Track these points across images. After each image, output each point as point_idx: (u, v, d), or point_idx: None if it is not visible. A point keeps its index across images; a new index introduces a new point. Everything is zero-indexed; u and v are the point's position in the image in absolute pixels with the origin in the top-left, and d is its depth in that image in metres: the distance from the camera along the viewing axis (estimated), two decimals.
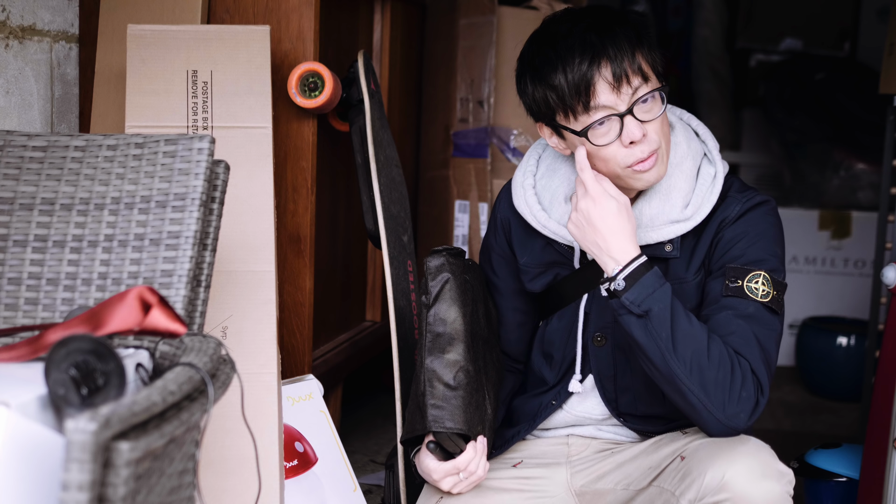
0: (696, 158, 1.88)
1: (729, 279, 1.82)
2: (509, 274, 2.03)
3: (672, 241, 1.86)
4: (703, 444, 1.77)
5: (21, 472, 1.27)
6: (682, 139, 1.88)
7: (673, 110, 1.93)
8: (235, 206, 2.07)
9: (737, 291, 1.80)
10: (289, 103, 2.31)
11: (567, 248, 1.93)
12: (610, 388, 1.93)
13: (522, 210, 1.94)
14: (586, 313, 1.93)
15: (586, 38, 1.77)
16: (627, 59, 1.76)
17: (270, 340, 2.13)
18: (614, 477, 1.90)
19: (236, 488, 2.04)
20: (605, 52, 1.76)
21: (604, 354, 1.93)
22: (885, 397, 2.29)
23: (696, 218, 1.85)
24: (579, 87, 1.76)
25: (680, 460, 1.78)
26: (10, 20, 2.16)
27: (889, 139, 2.99)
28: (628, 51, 1.76)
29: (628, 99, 1.77)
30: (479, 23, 3.18)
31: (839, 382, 3.88)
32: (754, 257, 1.83)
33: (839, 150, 4.63)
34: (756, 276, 1.81)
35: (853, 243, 4.43)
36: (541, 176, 1.95)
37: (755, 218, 1.87)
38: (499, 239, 2.03)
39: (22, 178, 1.72)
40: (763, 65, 5.06)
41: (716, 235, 1.86)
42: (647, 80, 1.78)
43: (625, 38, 1.77)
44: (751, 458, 1.71)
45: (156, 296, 1.48)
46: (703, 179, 1.87)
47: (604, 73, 1.76)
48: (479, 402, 1.89)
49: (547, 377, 1.99)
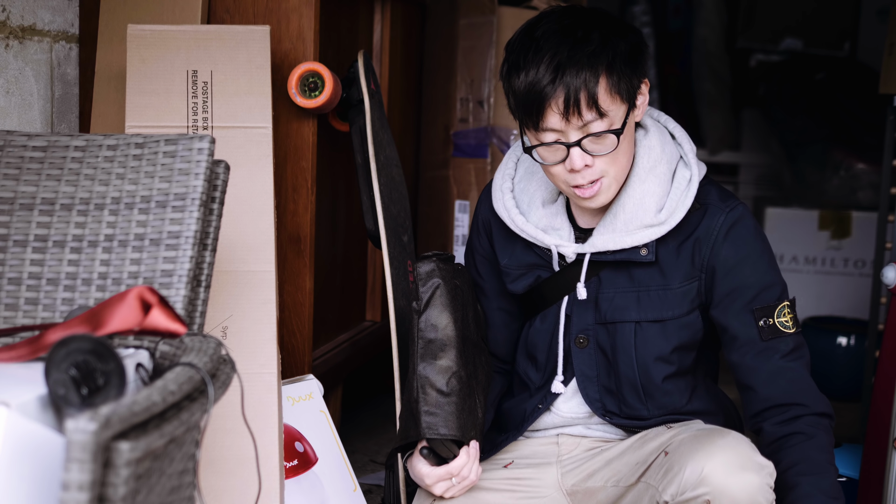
0: (670, 162, 1.88)
1: (759, 319, 1.85)
2: (493, 275, 2.03)
3: (647, 245, 1.86)
4: (686, 438, 1.79)
5: (21, 472, 1.27)
6: (657, 142, 1.87)
7: (651, 111, 1.93)
8: (235, 206, 2.07)
9: (774, 332, 1.86)
10: (289, 103, 2.31)
11: (546, 250, 1.93)
12: (593, 390, 1.93)
13: (501, 213, 1.95)
14: (567, 315, 1.93)
15: (557, 52, 1.74)
16: (585, 94, 1.73)
17: (270, 340, 2.13)
18: (604, 474, 1.91)
19: (236, 488, 2.04)
20: (563, 80, 1.72)
21: (586, 356, 1.93)
22: (885, 397, 2.29)
23: (671, 222, 1.85)
24: (531, 107, 1.76)
25: (664, 455, 1.80)
26: (11, 20, 2.16)
27: (889, 139, 2.99)
28: (590, 82, 1.73)
29: (578, 129, 1.76)
30: (479, 23, 3.18)
31: (839, 382, 3.87)
32: (766, 283, 1.87)
33: (839, 150, 4.63)
34: (782, 310, 1.86)
35: (853, 243, 4.43)
36: (519, 179, 1.96)
37: (748, 235, 1.87)
38: (481, 240, 2.03)
39: (22, 178, 1.72)
40: (763, 65, 5.06)
41: (703, 246, 1.86)
42: (604, 117, 1.75)
43: (592, 67, 1.73)
44: (729, 450, 1.72)
45: (156, 296, 1.48)
46: (679, 183, 1.86)
47: (557, 100, 1.74)
48: (471, 407, 1.89)
49: (533, 379, 2.00)
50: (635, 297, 1.88)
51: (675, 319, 1.88)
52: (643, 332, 1.88)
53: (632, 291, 1.89)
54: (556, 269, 1.94)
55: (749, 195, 4.86)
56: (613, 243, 1.86)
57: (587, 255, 1.89)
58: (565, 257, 1.92)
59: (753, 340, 1.86)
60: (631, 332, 1.88)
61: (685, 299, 1.88)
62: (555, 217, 1.92)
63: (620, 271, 1.89)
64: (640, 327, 1.88)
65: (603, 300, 1.90)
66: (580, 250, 1.89)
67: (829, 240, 4.43)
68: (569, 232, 1.91)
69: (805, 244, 4.36)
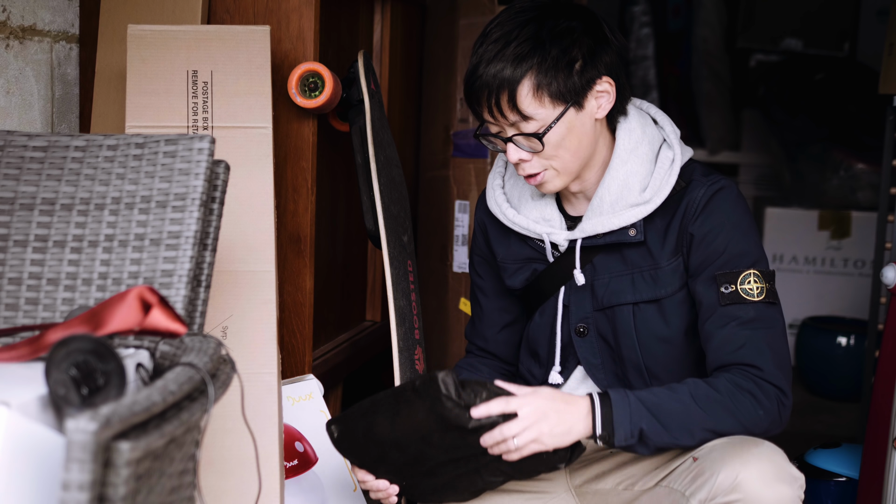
0: (652, 143, 1.91)
1: (721, 285, 1.83)
2: (492, 275, 2.09)
3: (635, 225, 1.88)
4: (718, 445, 1.77)
5: (21, 472, 1.27)
6: (637, 125, 1.91)
7: (632, 100, 1.96)
8: (235, 206, 2.08)
9: (733, 297, 1.82)
10: (289, 103, 2.31)
11: (539, 242, 1.98)
12: (601, 377, 1.95)
13: (494, 210, 2.01)
14: (565, 305, 1.97)
15: (487, 52, 1.81)
16: (506, 94, 1.80)
17: (270, 340, 2.13)
18: (615, 477, 1.91)
19: (236, 488, 2.04)
20: (488, 85, 1.80)
21: (587, 344, 1.95)
22: (885, 397, 2.29)
23: (656, 200, 1.88)
24: (469, 98, 1.85)
25: (692, 461, 1.79)
26: (11, 20, 2.16)
27: (889, 139, 2.99)
28: (510, 90, 1.79)
29: (510, 126, 1.84)
30: (479, 23, 3.18)
31: (839, 382, 3.87)
32: (737, 251, 1.85)
33: (839, 150, 4.62)
34: (747, 277, 1.83)
35: (853, 243, 4.44)
36: (509, 176, 2.03)
37: (725, 205, 1.87)
38: (478, 241, 2.09)
39: (22, 178, 1.72)
40: (763, 65, 5.06)
41: (684, 219, 1.88)
42: (530, 119, 1.81)
43: (515, 68, 1.79)
44: (765, 460, 1.71)
45: (156, 296, 1.48)
46: (662, 163, 1.90)
47: (482, 96, 1.82)
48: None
49: (535, 374, 2.03)
50: (630, 280, 1.91)
51: (669, 297, 1.89)
52: (642, 314, 1.90)
53: (626, 274, 1.91)
54: (550, 259, 1.97)
55: (749, 195, 4.86)
56: (602, 226, 1.89)
57: (578, 241, 1.92)
58: (558, 246, 1.95)
59: (713, 305, 1.84)
60: (630, 315, 1.91)
61: (675, 276, 1.89)
62: (545, 208, 1.96)
63: (613, 255, 1.92)
64: (639, 308, 1.91)
65: (599, 286, 1.93)
66: (571, 237, 1.93)
67: (829, 240, 4.43)
68: (559, 221, 1.95)
69: (805, 244, 4.36)
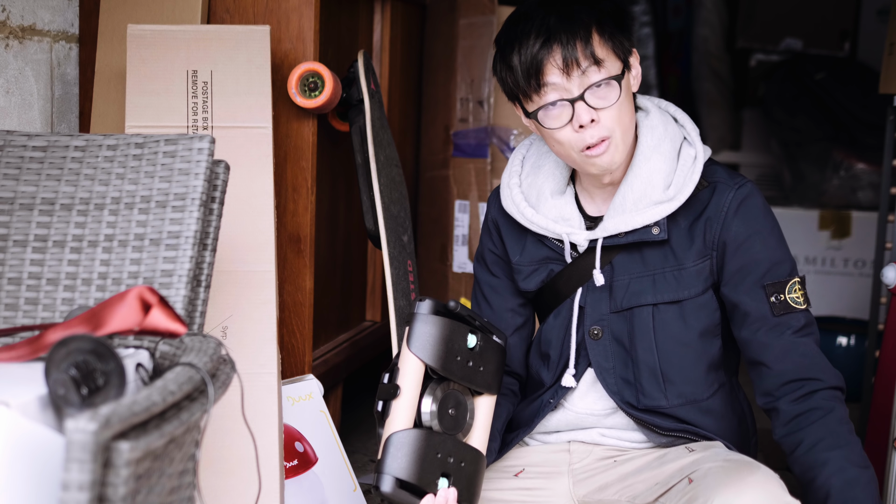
0: (674, 141, 1.90)
1: (770, 295, 1.86)
2: (506, 274, 2.03)
3: (658, 223, 1.87)
4: (713, 469, 1.76)
5: (21, 472, 1.27)
6: (659, 122, 1.90)
7: (651, 98, 1.96)
8: (235, 206, 2.07)
9: (785, 307, 1.86)
10: (289, 103, 2.31)
11: (557, 242, 1.94)
12: (612, 381, 1.92)
13: (510, 209, 1.96)
14: (581, 307, 1.93)
15: (544, 21, 1.80)
16: (580, 44, 1.79)
17: (270, 340, 2.13)
18: (618, 489, 1.88)
19: (236, 488, 2.04)
20: (558, 37, 1.79)
21: (601, 348, 1.92)
22: (885, 397, 2.29)
23: (680, 198, 1.86)
24: (530, 70, 1.81)
25: (688, 482, 1.77)
26: (10, 20, 2.16)
27: (889, 139, 2.99)
28: (583, 35, 1.79)
29: (579, 84, 1.80)
30: (478, 23, 3.18)
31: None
32: (777, 258, 1.87)
33: (839, 150, 4.62)
34: (793, 286, 1.87)
35: (853, 243, 4.43)
36: (526, 175, 1.98)
37: (757, 211, 1.88)
38: (493, 240, 2.04)
39: (22, 178, 1.72)
40: (763, 65, 5.06)
41: (714, 223, 1.87)
42: (602, 66, 1.80)
43: (582, 23, 1.80)
44: (759, 489, 1.69)
45: (156, 296, 1.48)
46: (684, 160, 1.89)
47: (554, 57, 1.79)
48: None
49: (544, 378, 1.98)
50: (650, 280, 1.89)
51: (691, 300, 1.88)
52: (661, 315, 1.89)
53: (646, 275, 1.89)
54: (568, 260, 1.94)
55: None
56: (625, 224, 1.87)
57: (599, 241, 1.89)
58: (577, 246, 1.92)
59: (765, 316, 1.85)
60: (649, 316, 1.89)
61: (699, 278, 1.88)
62: (564, 207, 1.93)
63: (633, 256, 1.89)
64: (658, 310, 1.89)
65: (618, 287, 1.90)
66: (592, 236, 1.90)
67: (829, 240, 4.43)
68: (579, 220, 1.92)
69: (805, 244, 4.36)
